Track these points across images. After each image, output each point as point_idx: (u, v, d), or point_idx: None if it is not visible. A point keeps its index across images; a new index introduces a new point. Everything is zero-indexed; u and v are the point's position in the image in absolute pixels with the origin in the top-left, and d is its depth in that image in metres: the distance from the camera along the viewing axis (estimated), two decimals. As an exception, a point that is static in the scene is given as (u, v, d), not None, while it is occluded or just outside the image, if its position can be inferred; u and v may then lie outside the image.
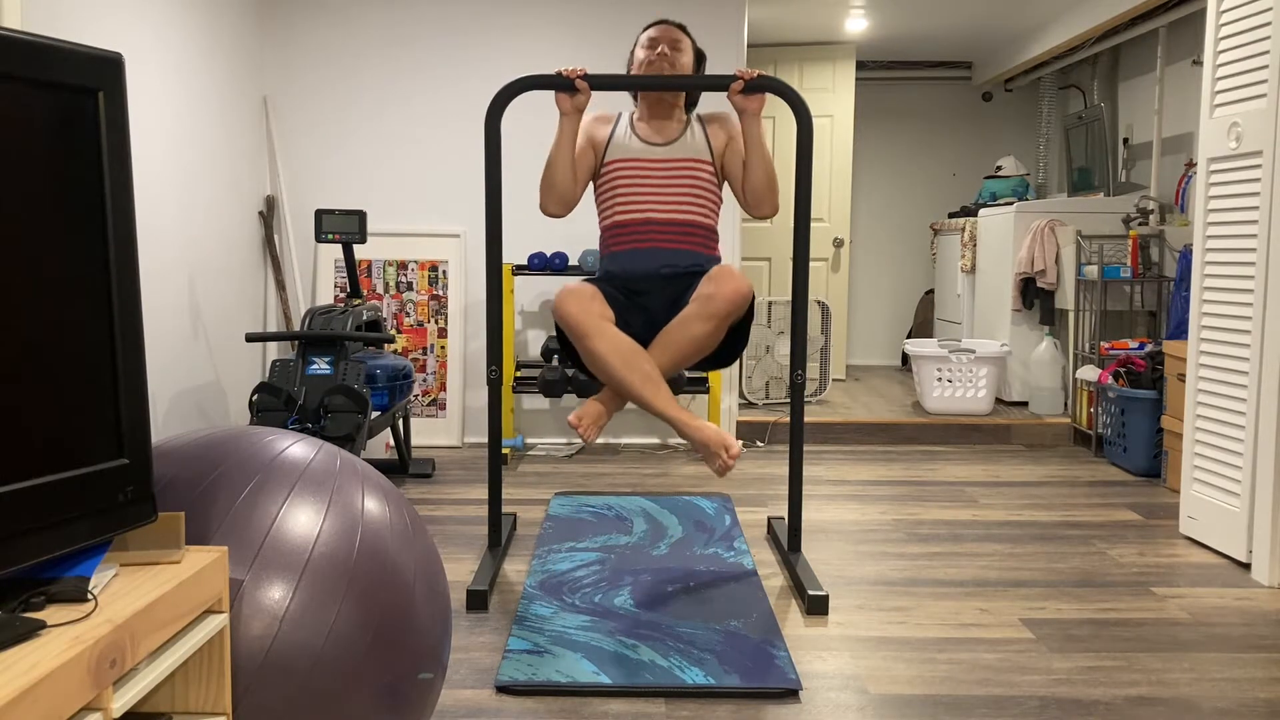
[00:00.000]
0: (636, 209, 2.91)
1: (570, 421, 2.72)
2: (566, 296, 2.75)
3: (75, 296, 1.19)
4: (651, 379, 2.69)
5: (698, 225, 2.93)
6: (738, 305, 2.73)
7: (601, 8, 4.79)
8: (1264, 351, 2.99)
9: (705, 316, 2.71)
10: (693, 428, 2.66)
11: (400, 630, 1.54)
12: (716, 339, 2.76)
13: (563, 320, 2.75)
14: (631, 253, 2.92)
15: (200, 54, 4.07)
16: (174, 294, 3.86)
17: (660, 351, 2.74)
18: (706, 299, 2.72)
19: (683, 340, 2.73)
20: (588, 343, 2.70)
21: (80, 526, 1.19)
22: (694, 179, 2.93)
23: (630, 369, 2.68)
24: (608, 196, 2.97)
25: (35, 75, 1.13)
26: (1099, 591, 2.87)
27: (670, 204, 2.91)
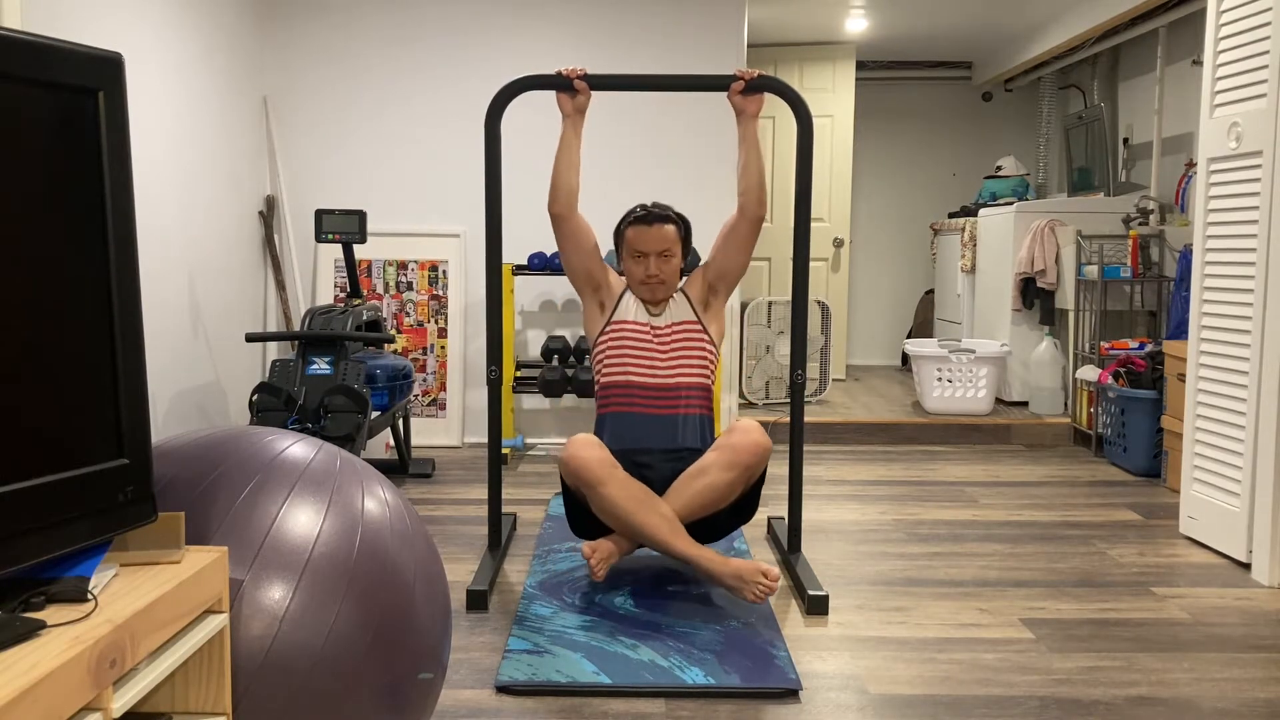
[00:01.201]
0: (639, 371, 2.92)
1: (584, 552, 2.69)
2: (575, 445, 2.72)
3: (75, 296, 1.19)
4: (668, 520, 2.65)
5: (693, 386, 2.93)
6: (759, 458, 2.72)
7: (602, 7, 4.79)
8: (1264, 351, 2.99)
9: (726, 465, 2.71)
10: (721, 564, 2.59)
11: (400, 630, 1.54)
12: (734, 491, 2.74)
13: (573, 469, 2.70)
14: (634, 417, 2.90)
15: (200, 54, 4.07)
16: (174, 294, 3.85)
17: (676, 498, 2.71)
18: (730, 449, 2.71)
19: (701, 487, 2.71)
20: (600, 489, 2.66)
21: (80, 526, 1.19)
22: (686, 339, 2.94)
23: (647, 512, 2.65)
24: (613, 353, 2.95)
25: (35, 75, 1.13)
26: (1099, 591, 2.87)
27: (666, 366, 2.92)
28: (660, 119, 4.83)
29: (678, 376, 2.92)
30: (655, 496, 2.70)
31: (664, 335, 2.94)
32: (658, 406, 2.90)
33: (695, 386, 2.94)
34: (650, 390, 2.91)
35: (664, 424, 2.89)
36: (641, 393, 2.91)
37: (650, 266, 2.91)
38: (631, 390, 2.92)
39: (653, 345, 2.93)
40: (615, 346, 2.95)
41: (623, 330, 2.95)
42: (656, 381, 2.91)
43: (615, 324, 2.97)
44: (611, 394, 2.94)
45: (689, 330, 2.96)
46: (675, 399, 2.91)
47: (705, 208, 4.82)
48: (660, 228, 2.92)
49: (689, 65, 4.80)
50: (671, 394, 2.91)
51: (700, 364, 2.95)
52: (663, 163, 4.84)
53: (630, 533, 2.68)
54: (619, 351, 2.94)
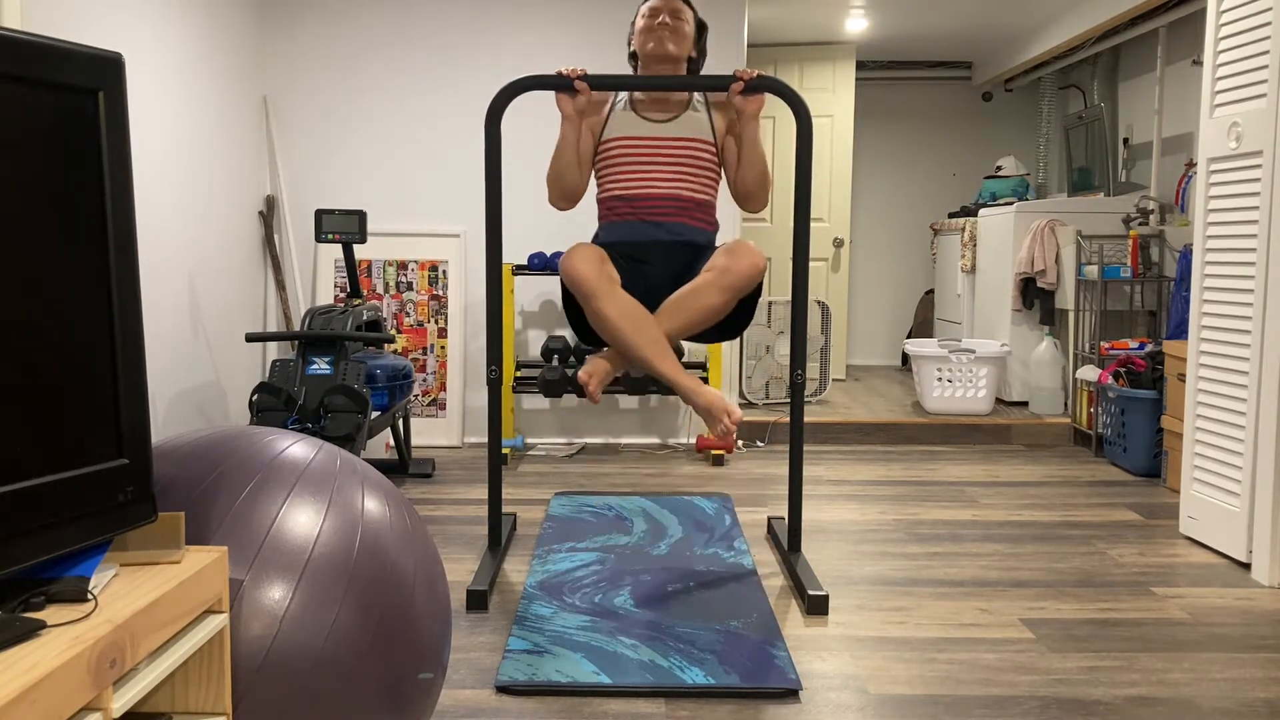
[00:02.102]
0: (635, 184, 2.94)
1: (579, 378, 2.76)
2: (575, 256, 2.75)
3: (75, 296, 1.19)
4: (659, 343, 2.72)
5: (696, 201, 2.96)
6: (752, 280, 2.76)
7: (602, 7, 4.79)
8: (1264, 351, 2.99)
9: (720, 288, 2.73)
10: (696, 392, 2.71)
11: (400, 630, 1.54)
12: (726, 311, 2.79)
13: (571, 280, 2.75)
14: (631, 224, 2.95)
15: (200, 54, 4.07)
16: (174, 294, 3.85)
17: (669, 317, 2.76)
18: (723, 270, 2.74)
19: (694, 308, 2.75)
20: (596, 303, 2.71)
21: (80, 526, 1.19)
22: (694, 157, 2.96)
23: (639, 332, 2.71)
24: (607, 171, 2.99)
25: (35, 75, 1.13)
26: (1099, 591, 2.87)
27: (669, 180, 2.93)
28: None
29: (677, 190, 2.94)
30: (648, 317, 2.74)
31: (666, 145, 2.95)
32: (655, 214, 2.93)
33: (694, 201, 2.96)
34: (646, 200, 2.93)
35: (662, 226, 2.93)
36: (635, 202, 2.94)
37: (664, 16, 2.95)
38: (626, 202, 2.95)
39: (650, 155, 2.94)
40: (607, 165, 2.98)
41: (611, 149, 2.97)
42: (652, 192, 2.93)
43: (604, 145, 2.99)
44: (609, 207, 2.99)
45: (699, 149, 2.96)
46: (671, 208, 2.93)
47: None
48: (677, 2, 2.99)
49: (689, 65, 4.79)
50: (669, 203, 2.93)
51: (704, 181, 2.97)
52: (663, 163, 4.84)
53: (621, 349, 2.75)
54: (611, 166, 2.97)
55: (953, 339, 5.67)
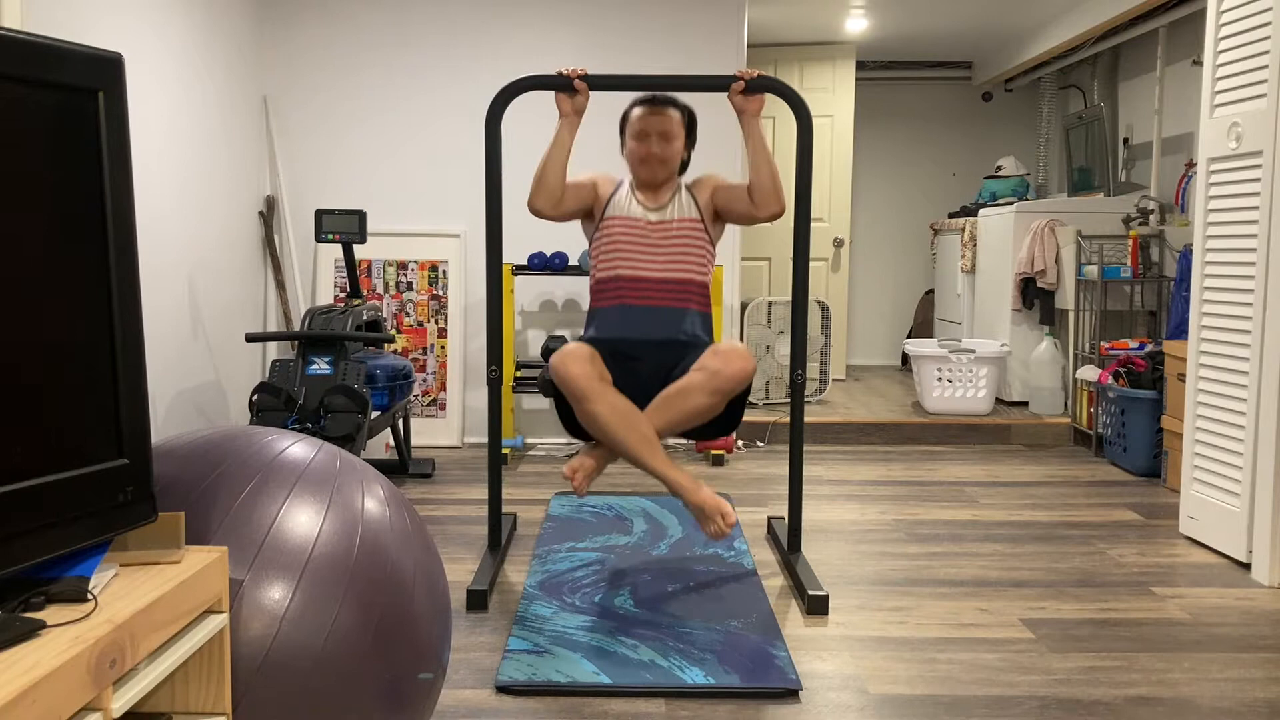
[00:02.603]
0: (631, 265, 2.92)
1: (564, 473, 2.77)
2: (566, 358, 2.75)
3: (75, 296, 1.19)
4: (649, 440, 2.73)
5: (690, 282, 2.94)
6: (740, 383, 2.76)
7: (602, 7, 4.79)
8: (1264, 351, 2.99)
9: (709, 390, 2.73)
10: (690, 491, 2.70)
11: (400, 630, 1.54)
12: (714, 412, 2.78)
13: (562, 382, 2.75)
14: (623, 309, 2.91)
15: (200, 54, 4.07)
16: (174, 294, 3.85)
17: (658, 415, 2.77)
18: (712, 374, 2.73)
19: (684, 407, 2.75)
20: (587, 405, 2.72)
21: (80, 526, 1.19)
22: (686, 237, 2.95)
23: (629, 430, 2.72)
24: (604, 251, 2.96)
25: (35, 75, 1.13)
26: (1099, 591, 2.87)
27: (663, 261, 2.92)
28: (660, 119, 4.83)
29: (672, 272, 2.92)
30: (638, 415, 2.74)
31: (662, 230, 2.94)
32: (649, 299, 2.91)
33: (692, 283, 2.94)
34: (642, 283, 2.91)
35: (655, 315, 2.91)
36: (631, 286, 2.92)
37: (652, 145, 2.93)
38: (621, 284, 2.92)
39: (648, 239, 2.93)
40: (606, 242, 2.96)
41: (612, 226, 2.96)
42: (650, 275, 2.91)
43: (605, 222, 2.98)
44: (602, 289, 2.96)
45: (691, 228, 2.95)
46: (668, 293, 2.91)
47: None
48: (664, 111, 2.95)
49: (689, 65, 4.80)
50: (664, 287, 2.92)
51: (698, 261, 2.95)
52: (663, 163, 4.84)
53: (612, 447, 2.76)
54: (612, 246, 2.95)
55: (953, 339, 5.67)
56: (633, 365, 2.88)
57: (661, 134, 2.93)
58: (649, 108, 2.96)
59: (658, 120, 2.94)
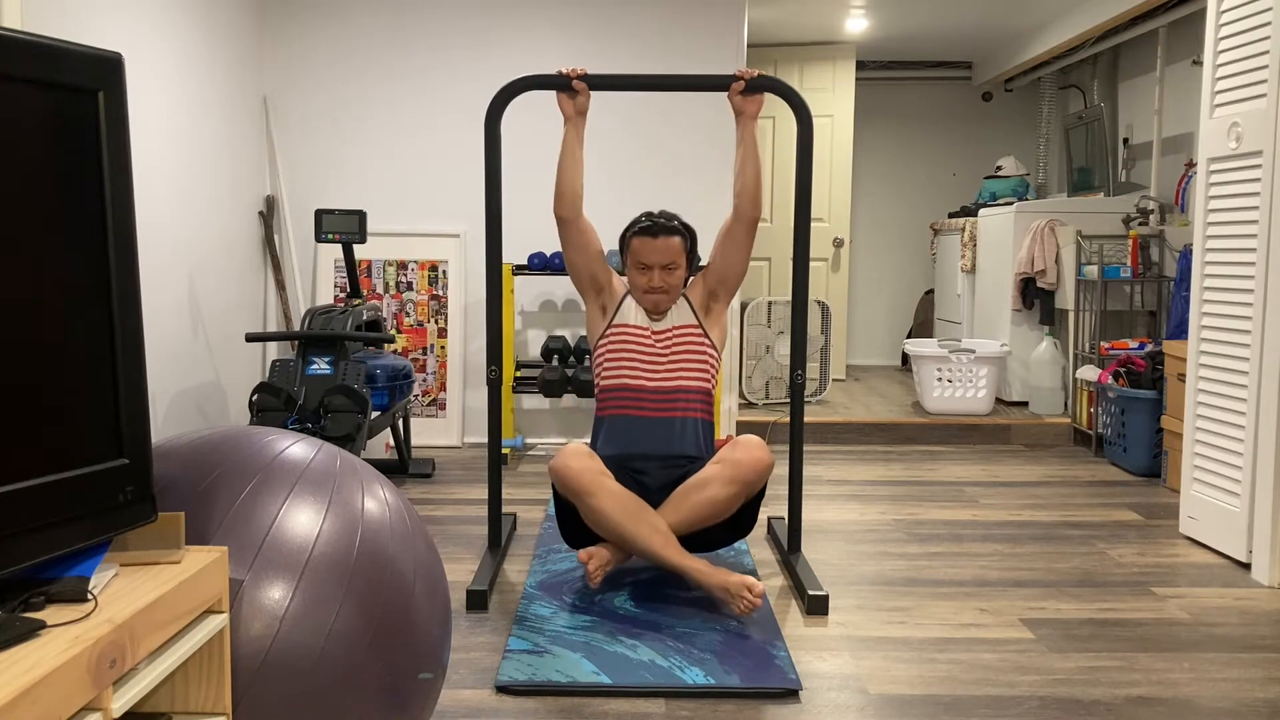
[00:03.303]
0: (634, 374, 2.92)
1: (580, 557, 2.67)
2: (565, 456, 2.72)
3: (75, 296, 1.19)
4: (659, 531, 2.65)
5: (691, 390, 2.93)
6: (760, 475, 2.72)
7: (602, 7, 4.79)
8: (1264, 351, 2.99)
9: (726, 480, 2.70)
10: (709, 576, 2.59)
11: (400, 630, 1.54)
12: (733, 506, 2.73)
13: (562, 479, 2.70)
14: (627, 420, 2.89)
15: (200, 54, 4.07)
16: (174, 294, 3.85)
17: (673, 510, 2.71)
18: (733, 464, 2.70)
19: (700, 500, 2.70)
20: (590, 500, 2.66)
21: (80, 526, 1.19)
22: (686, 345, 2.94)
23: (637, 522, 2.64)
24: (609, 359, 2.95)
25: (35, 75, 1.13)
26: (1099, 591, 2.87)
27: (665, 370, 2.91)
28: (661, 120, 4.83)
29: (677, 380, 2.92)
30: (646, 507, 2.68)
31: (664, 339, 2.94)
32: (656, 410, 2.90)
33: (694, 391, 2.93)
34: (648, 394, 2.90)
35: (661, 428, 2.89)
36: (638, 396, 2.91)
37: (654, 279, 2.90)
38: (628, 394, 2.91)
39: (653, 349, 2.93)
40: (615, 350, 2.94)
41: (623, 334, 2.95)
42: (655, 385, 2.91)
43: (616, 328, 2.97)
44: (610, 398, 2.94)
45: (689, 334, 2.95)
46: (673, 403, 2.90)
47: (706, 209, 4.82)
48: (665, 240, 2.89)
49: (689, 65, 4.80)
50: (670, 397, 2.90)
51: (700, 368, 2.94)
52: (664, 165, 4.84)
53: (621, 543, 2.68)
54: (618, 355, 2.94)
55: (953, 339, 5.67)
56: (639, 479, 2.84)
57: (664, 267, 2.89)
58: (650, 238, 2.90)
59: (660, 252, 2.88)
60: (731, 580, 2.55)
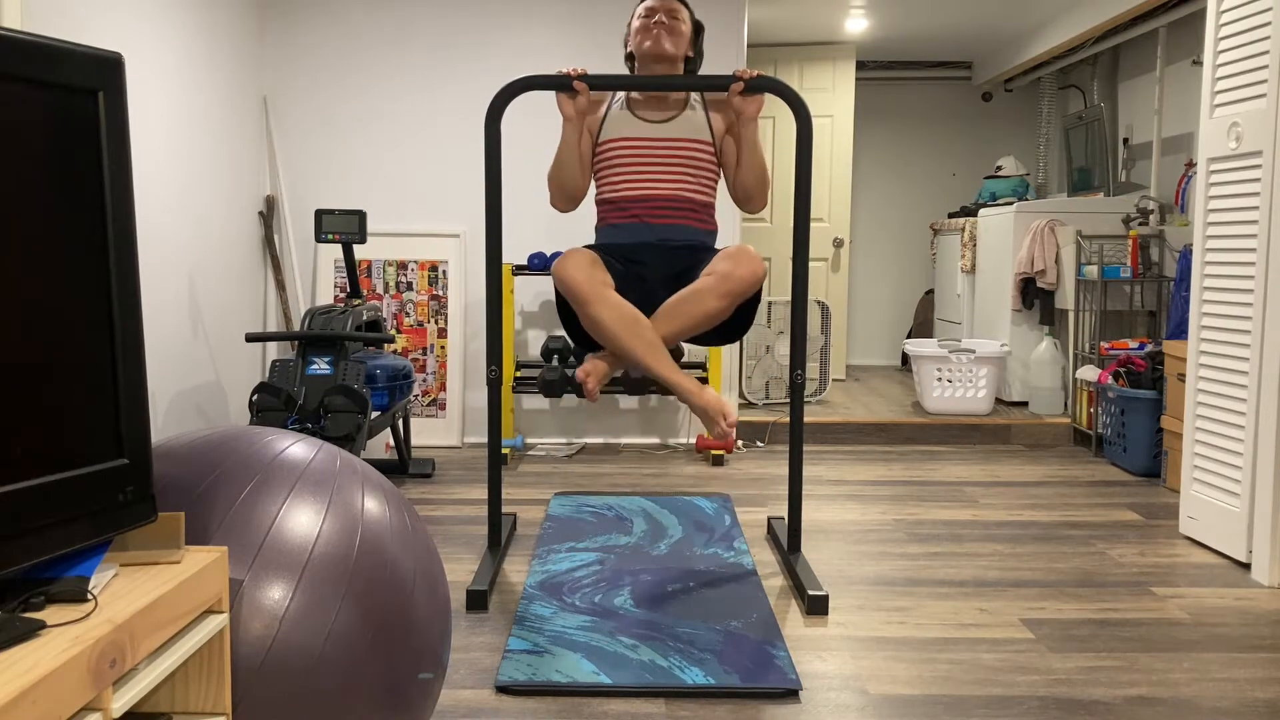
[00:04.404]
0: (633, 185, 2.93)
1: (577, 376, 2.76)
2: (567, 261, 2.74)
3: (75, 296, 1.19)
4: (654, 345, 2.72)
5: (694, 202, 2.95)
6: (752, 286, 2.75)
7: (602, 7, 4.79)
8: (1264, 351, 2.99)
9: (720, 294, 2.72)
10: (694, 393, 2.72)
11: (400, 630, 1.54)
12: (724, 316, 2.78)
13: (564, 285, 2.74)
14: (629, 227, 2.94)
15: (200, 54, 4.07)
16: (174, 294, 3.85)
17: (666, 321, 2.76)
18: (723, 276, 2.72)
19: (692, 312, 2.74)
20: (590, 309, 2.71)
21: (80, 526, 1.19)
22: (692, 157, 2.95)
23: (633, 335, 2.70)
24: (605, 173, 2.99)
25: (35, 75, 1.13)
26: (1099, 591, 2.87)
27: (667, 181, 2.92)
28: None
29: (676, 190, 2.93)
30: (643, 320, 2.73)
31: (663, 146, 2.94)
32: (654, 216, 2.92)
33: (693, 202, 2.95)
34: (647, 202, 2.92)
35: (662, 229, 2.92)
36: (637, 205, 2.93)
37: (659, 17, 2.94)
38: (627, 203, 2.94)
39: (650, 156, 2.93)
40: (605, 168, 2.97)
41: (609, 151, 2.96)
42: (654, 193, 2.92)
43: (602, 146, 2.99)
44: (609, 209, 2.98)
45: (698, 149, 2.95)
46: (673, 210, 2.93)
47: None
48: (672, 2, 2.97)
49: (689, 65, 4.79)
50: (668, 204, 2.93)
51: (704, 182, 2.96)
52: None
53: (616, 352, 2.75)
54: (609, 171, 2.96)
55: (953, 339, 5.67)
56: (639, 271, 2.89)
57: (669, 11, 2.95)
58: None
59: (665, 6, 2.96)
60: (712, 404, 2.70)
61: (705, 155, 2.96)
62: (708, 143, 2.97)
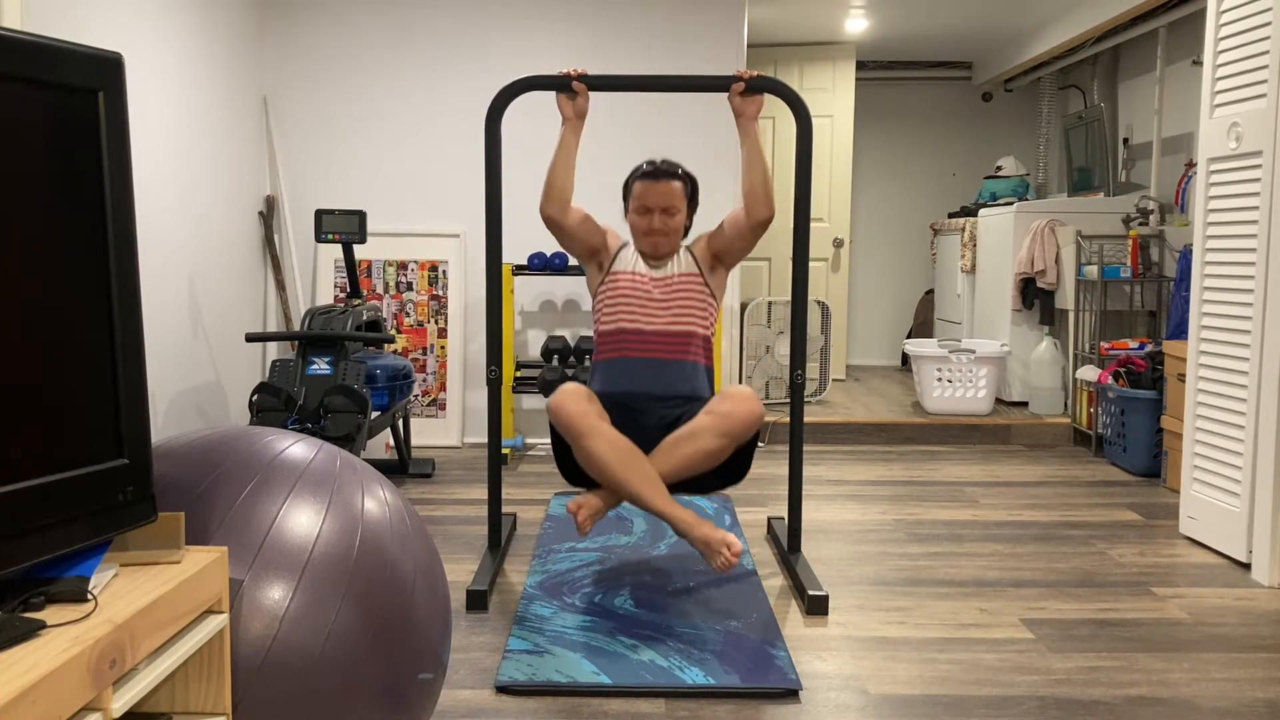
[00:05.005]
0: (633, 318, 2.92)
1: (569, 508, 2.69)
2: (562, 397, 2.73)
3: (75, 296, 1.19)
4: (650, 478, 2.68)
5: (691, 335, 2.93)
6: (750, 427, 2.72)
7: (602, 7, 4.79)
8: (1264, 351, 2.99)
9: (718, 433, 2.70)
10: (693, 527, 2.64)
11: (400, 630, 1.54)
12: (722, 457, 2.74)
13: (558, 419, 2.72)
14: (624, 362, 2.90)
15: (200, 54, 4.07)
16: (174, 294, 3.85)
17: (663, 459, 2.72)
18: (723, 416, 2.70)
19: (690, 451, 2.71)
20: (584, 442, 2.68)
21: (80, 526, 1.19)
22: (687, 292, 2.94)
23: (628, 469, 2.67)
24: (608, 305, 2.96)
25: (35, 75, 1.13)
26: (1099, 591, 2.87)
27: (665, 315, 2.92)
28: (660, 121, 4.83)
29: (675, 324, 2.92)
30: (638, 453, 2.70)
31: (663, 285, 2.94)
32: (654, 352, 2.90)
33: (692, 335, 2.94)
34: (647, 337, 2.91)
35: (660, 369, 2.90)
36: (634, 339, 2.91)
37: (654, 221, 2.92)
38: (624, 337, 2.92)
39: (650, 294, 2.93)
40: (611, 297, 2.96)
41: (618, 281, 2.96)
42: (654, 328, 2.91)
43: (611, 276, 2.98)
44: (608, 341, 2.96)
45: (690, 282, 2.95)
46: (672, 346, 2.91)
47: (705, 209, 4.82)
48: (667, 184, 2.92)
49: (689, 65, 4.80)
50: (668, 340, 2.91)
51: (699, 313, 2.95)
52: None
53: (612, 487, 2.71)
54: (614, 301, 2.95)
55: (953, 339, 5.67)
56: (635, 418, 2.85)
57: (664, 209, 2.91)
58: (651, 181, 2.92)
59: (660, 195, 2.91)
60: (713, 536, 2.61)
61: (698, 288, 2.95)
62: (698, 276, 2.96)
